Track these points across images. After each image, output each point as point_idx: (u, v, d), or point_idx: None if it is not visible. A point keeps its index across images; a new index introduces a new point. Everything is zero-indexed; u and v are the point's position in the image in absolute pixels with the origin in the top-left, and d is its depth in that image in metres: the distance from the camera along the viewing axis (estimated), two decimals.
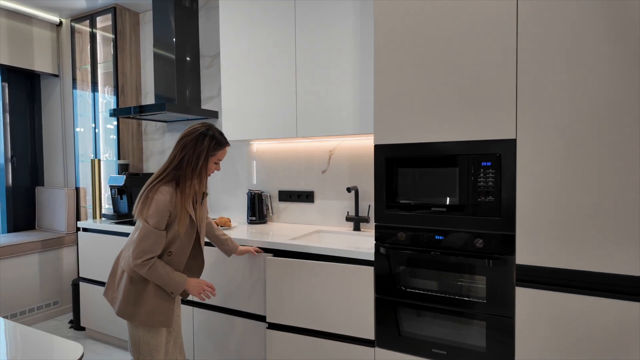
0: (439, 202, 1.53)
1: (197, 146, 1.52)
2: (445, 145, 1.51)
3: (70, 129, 3.27)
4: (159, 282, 1.50)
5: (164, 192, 1.47)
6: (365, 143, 2.22)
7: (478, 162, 1.45)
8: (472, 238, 1.47)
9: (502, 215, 1.41)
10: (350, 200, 2.27)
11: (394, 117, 1.60)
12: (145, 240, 1.45)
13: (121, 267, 1.57)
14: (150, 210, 1.45)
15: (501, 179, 1.41)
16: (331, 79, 1.99)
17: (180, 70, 2.66)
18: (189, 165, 1.51)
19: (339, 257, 1.75)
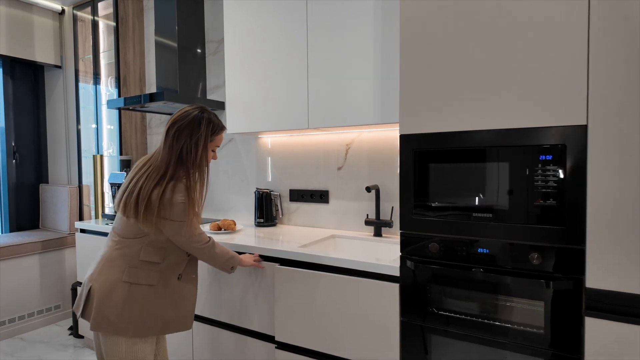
0: (482, 206, 1.22)
1: (193, 132, 1.33)
2: (490, 135, 1.20)
3: (73, 123, 3.10)
4: (221, 259, 1.47)
5: (176, 189, 1.30)
6: (387, 135, 1.92)
7: (535, 155, 1.14)
8: (525, 252, 1.16)
9: (566, 223, 1.10)
10: (370, 201, 1.98)
11: (425, 100, 1.30)
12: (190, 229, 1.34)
13: (107, 281, 1.30)
14: (174, 211, 1.29)
15: (566, 176, 1.09)
16: (348, 61, 1.70)
17: (184, 58, 2.43)
18: (188, 155, 1.32)
19: (357, 270, 1.46)
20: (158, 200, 1.27)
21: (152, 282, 1.33)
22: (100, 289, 1.29)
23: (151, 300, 1.33)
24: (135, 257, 1.32)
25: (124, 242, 1.33)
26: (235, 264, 1.52)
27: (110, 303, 1.28)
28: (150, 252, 1.33)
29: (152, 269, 1.33)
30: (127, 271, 1.30)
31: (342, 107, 1.73)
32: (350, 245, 1.92)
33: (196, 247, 1.38)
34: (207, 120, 1.36)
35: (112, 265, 1.31)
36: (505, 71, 1.17)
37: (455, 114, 1.25)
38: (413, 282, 1.34)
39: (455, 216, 1.26)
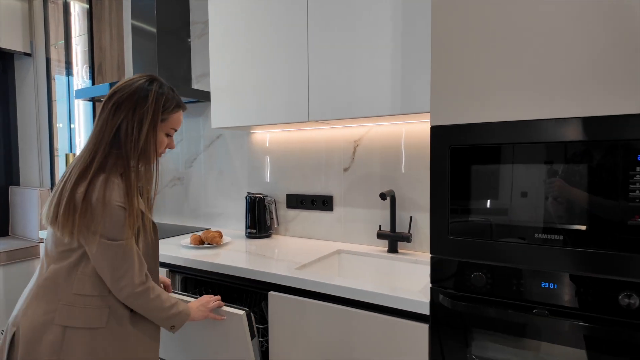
0: (548, 225, 0.88)
1: (137, 106, 0.98)
2: (561, 126, 0.86)
3: (44, 118, 2.76)
4: (158, 313, 1.03)
5: (108, 184, 0.94)
6: (406, 128, 1.58)
7: (630, 153, 0.80)
8: (613, 290, 0.82)
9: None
10: (382, 209, 1.64)
11: (466, 80, 0.96)
12: (123, 259, 0.95)
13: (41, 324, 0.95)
14: (103, 218, 0.92)
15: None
16: (357, 38, 1.36)
17: (165, 42, 2.09)
18: (128, 137, 0.97)
19: (371, 304, 1.13)
20: (82, 199, 0.91)
21: (94, 323, 0.96)
22: (25, 334, 0.94)
23: (95, 350, 0.96)
24: (67, 290, 0.96)
25: (54, 270, 0.97)
26: (177, 323, 1.07)
27: (37, 354, 0.93)
28: (87, 282, 0.96)
29: (93, 305, 0.97)
30: (59, 310, 0.95)
31: (350, 95, 1.39)
32: (360, 265, 1.58)
33: (121, 288, 0.96)
34: (156, 92, 1.01)
35: (38, 302, 0.96)
36: (585, 38, 0.83)
37: (508, 99, 0.91)
38: (448, 323, 1.00)
39: (509, 237, 0.92)
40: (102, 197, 0.92)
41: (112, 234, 0.94)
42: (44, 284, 0.97)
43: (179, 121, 1.09)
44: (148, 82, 1.01)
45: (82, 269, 0.96)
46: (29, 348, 0.94)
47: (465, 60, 0.96)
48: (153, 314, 1.03)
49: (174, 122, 1.07)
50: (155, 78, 1.04)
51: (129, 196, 0.96)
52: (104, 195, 0.92)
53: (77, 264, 0.96)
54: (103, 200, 0.92)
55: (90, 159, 0.95)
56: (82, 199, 0.91)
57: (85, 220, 0.92)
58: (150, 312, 1.02)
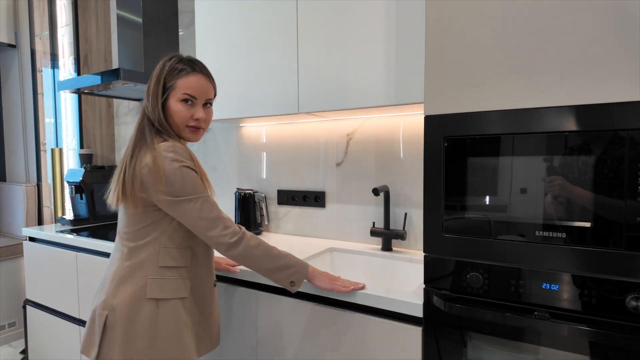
0: (549, 222, 0.82)
1: (151, 84, 1.03)
2: (564, 115, 0.79)
3: (30, 112, 2.68)
4: (267, 262, 1.02)
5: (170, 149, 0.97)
6: (401, 121, 1.51)
7: (638, 144, 0.74)
8: (620, 292, 0.76)
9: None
10: (376, 205, 1.58)
11: (462, 66, 0.89)
12: (208, 210, 0.98)
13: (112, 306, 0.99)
14: (174, 179, 0.95)
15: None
16: (349, 25, 1.29)
17: (151, 32, 2.01)
18: (148, 111, 1.03)
19: (363, 305, 1.07)
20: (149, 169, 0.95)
21: (182, 293, 1.02)
22: (122, 315, 0.98)
23: (182, 318, 1.02)
24: (154, 264, 1.00)
25: (135, 248, 1.01)
26: (296, 277, 1.04)
27: (137, 330, 0.97)
28: (173, 254, 1.01)
29: (179, 276, 1.02)
30: (149, 284, 0.99)
31: (342, 85, 1.32)
32: (353, 264, 1.52)
33: (222, 236, 0.98)
34: (161, 65, 1.03)
35: (128, 282, 1.00)
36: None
37: (507, 85, 0.84)
38: (443, 326, 0.94)
39: (508, 235, 0.86)
40: (169, 159, 0.95)
41: (188, 190, 0.96)
42: (129, 264, 1.00)
43: (190, 86, 1.02)
44: (161, 61, 1.04)
45: (164, 242, 1.01)
46: (128, 325, 0.97)
47: (461, 47, 0.89)
48: (262, 264, 1.02)
49: (183, 87, 1.02)
50: (168, 55, 1.06)
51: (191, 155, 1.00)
52: (170, 158, 0.95)
53: (158, 238, 1.00)
54: (169, 161, 0.95)
55: (134, 140, 1.01)
56: (150, 168, 0.94)
57: (156, 183, 0.94)
58: (259, 262, 1.01)
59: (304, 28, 1.39)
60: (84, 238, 1.78)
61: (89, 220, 2.14)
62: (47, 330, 1.98)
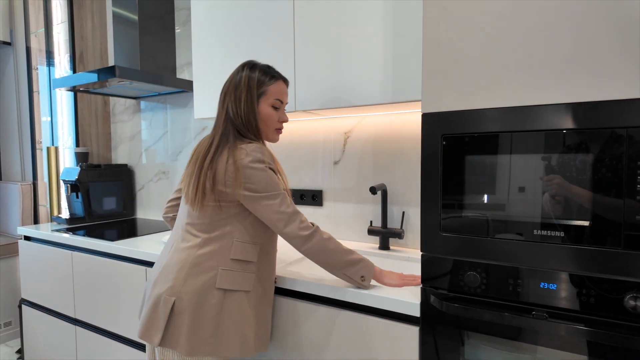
0: (547, 220, 0.81)
1: (237, 87, 1.09)
2: (563, 112, 0.79)
3: (25, 110, 2.66)
4: (338, 256, 1.04)
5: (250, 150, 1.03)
6: (398, 119, 1.51)
7: (637, 142, 0.73)
8: (619, 291, 0.76)
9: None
10: (374, 203, 1.57)
11: (460, 66, 0.88)
12: (285, 206, 1.03)
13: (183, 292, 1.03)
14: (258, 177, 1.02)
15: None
16: (346, 22, 1.28)
17: (147, 31, 2.00)
18: (236, 116, 1.08)
19: (359, 304, 1.06)
20: (233, 166, 1.01)
21: (247, 286, 1.06)
22: (191, 302, 1.01)
23: (245, 310, 1.06)
24: (225, 256, 1.05)
25: (208, 240, 1.06)
26: (366, 272, 1.05)
27: (204, 318, 1.01)
28: (244, 249, 1.06)
29: (247, 270, 1.06)
30: (219, 274, 1.03)
31: (339, 83, 1.31)
32: None
33: (299, 229, 1.02)
34: (250, 67, 1.11)
35: (199, 272, 1.03)
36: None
37: (506, 82, 0.84)
38: (440, 326, 0.94)
39: (506, 234, 0.85)
40: (252, 159, 1.01)
41: (268, 187, 1.01)
42: (202, 252, 1.04)
43: (281, 92, 1.13)
44: (241, 68, 1.11)
45: (238, 236, 1.05)
46: (196, 312, 1.01)
47: (459, 44, 0.88)
48: (334, 257, 1.04)
49: (275, 93, 1.11)
50: (248, 62, 1.13)
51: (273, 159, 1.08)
52: (252, 158, 1.01)
53: (232, 232, 1.05)
54: (252, 161, 1.01)
55: (215, 142, 1.06)
56: (235, 168, 1.00)
57: (239, 180, 1.00)
58: (331, 255, 1.03)
59: (300, 25, 1.38)
60: (79, 237, 1.76)
61: (84, 219, 2.13)
62: (43, 330, 1.97)
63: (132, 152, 2.38)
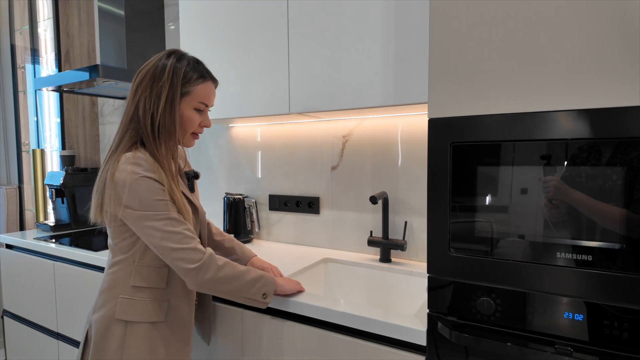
0: (573, 242, 0.71)
1: (154, 81, 0.92)
2: (589, 119, 0.68)
3: (10, 111, 2.55)
4: (236, 281, 0.91)
5: (131, 160, 0.87)
6: (400, 122, 1.40)
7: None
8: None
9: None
10: (375, 212, 1.47)
11: (471, 65, 0.78)
12: (171, 232, 0.86)
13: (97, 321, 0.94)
14: (134, 195, 0.86)
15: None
16: (344, 17, 1.18)
17: (134, 28, 1.89)
18: (146, 113, 0.91)
19: (359, 330, 0.96)
20: (110, 179, 0.87)
21: (153, 317, 0.93)
22: (96, 331, 0.93)
23: (155, 345, 0.93)
24: (126, 283, 0.93)
25: (113, 263, 0.96)
26: (267, 289, 0.96)
27: (106, 349, 0.92)
28: (145, 273, 0.93)
29: (151, 298, 0.93)
30: (119, 303, 0.92)
31: (335, 84, 1.21)
32: (349, 276, 1.41)
33: (181, 261, 0.86)
34: (173, 65, 0.93)
35: (105, 297, 0.94)
36: None
37: (523, 83, 0.73)
38: (448, 357, 0.83)
39: (525, 256, 0.75)
40: (132, 171, 0.86)
41: (148, 208, 0.86)
42: (106, 278, 0.95)
43: (209, 94, 0.99)
44: (166, 56, 0.94)
45: (138, 259, 0.93)
46: (98, 344, 0.92)
47: (470, 40, 0.78)
48: (232, 284, 0.91)
49: (200, 96, 0.96)
50: (175, 51, 0.96)
51: (157, 168, 0.89)
52: (133, 170, 0.86)
53: (134, 255, 0.93)
54: (130, 174, 0.86)
55: (113, 145, 0.93)
56: (111, 178, 0.87)
57: (117, 197, 0.87)
58: (228, 283, 0.90)
59: (295, 20, 1.27)
60: (61, 247, 1.66)
61: (70, 225, 2.02)
62: (25, 343, 1.87)
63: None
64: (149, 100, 0.91)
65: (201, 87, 0.96)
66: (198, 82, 0.95)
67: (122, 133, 0.93)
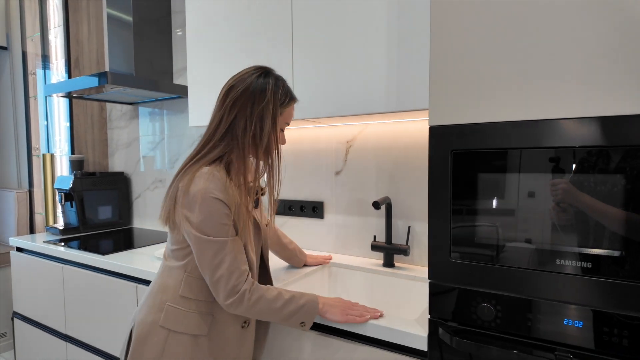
0: (574, 250, 0.72)
1: (256, 99, 0.92)
2: (592, 126, 0.69)
3: (21, 116, 2.61)
4: (274, 314, 0.90)
5: (209, 176, 0.88)
6: (403, 127, 1.41)
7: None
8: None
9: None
10: (378, 217, 1.48)
11: (472, 72, 0.79)
12: (218, 260, 0.87)
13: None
14: (200, 211, 0.87)
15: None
16: (347, 26, 1.20)
17: (142, 33, 1.93)
18: (246, 132, 0.91)
19: (359, 334, 0.97)
20: (184, 190, 0.89)
21: (196, 330, 0.93)
22: (137, 331, 0.95)
23: (196, 357, 0.93)
24: (175, 291, 0.94)
25: (166, 268, 0.98)
26: (306, 319, 0.92)
27: (145, 353, 0.92)
28: (194, 285, 0.94)
29: (197, 310, 0.94)
30: (165, 311, 0.93)
31: (339, 91, 1.23)
32: (352, 281, 1.42)
33: (217, 292, 0.89)
34: (273, 86, 0.94)
35: (152, 301, 0.96)
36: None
37: (524, 92, 0.74)
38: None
39: (524, 262, 0.76)
40: (203, 188, 0.87)
41: (207, 228, 0.87)
42: (158, 281, 0.97)
43: (292, 115, 1.04)
44: (262, 75, 0.95)
45: (190, 270, 0.94)
46: (137, 346, 0.93)
47: (470, 49, 0.79)
48: (267, 317, 0.91)
49: (288, 116, 1.01)
50: (269, 70, 0.98)
51: (238, 191, 0.91)
52: (205, 187, 0.87)
53: (186, 265, 0.94)
54: (203, 191, 0.87)
55: (202, 153, 0.93)
56: (184, 190, 0.88)
57: (184, 210, 0.88)
58: (263, 316, 0.91)
59: (299, 28, 1.29)
60: (70, 250, 1.69)
61: (79, 229, 2.06)
62: (35, 345, 1.90)
63: (128, 160, 2.31)
64: (250, 120, 0.91)
65: (290, 109, 1.00)
66: (289, 104, 0.99)
67: (213, 145, 0.93)
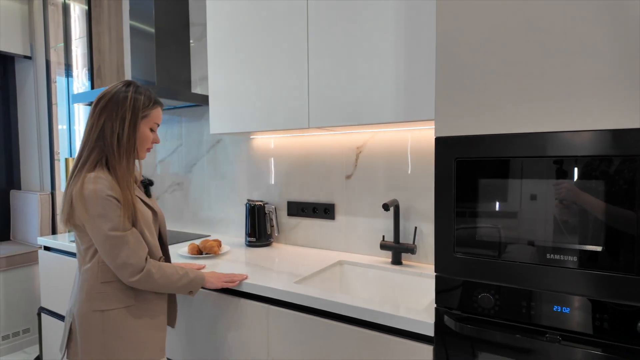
0: (561, 245, 0.83)
1: (118, 108, 1.10)
2: (576, 139, 0.80)
3: (44, 122, 2.74)
4: (170, 285, 1.14)
5: (95, 179, 1.05)
6: (410, 135, 1.53)
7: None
8: (631, 317, 0.77)
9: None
10: (386, 218, 1.59)
11: (474, 89, 0.90)
12: (118, 250, 1.06)
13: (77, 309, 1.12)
14: (95, 209, 1.04)
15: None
16: (359, 41, 1.31)
17: (163, 45, 2.05)
18: (113, 135, 1.09)
19: (372, 322, 1.08)
20: (78, 195, 1.04)
21: (126, 302, 1.11)
22: (79, 324, 1.10)
23: (132, 325, 1.12)
24: (96, 281, 1.11)
25: (83, 264, 1.13)
26: (194, 288, 1.20)
27: (90, 338, 1.09)
28: (109, 270, 1.10)
29: (119, 289, 1.11)
30: (92, 298, 1.10)
31: (351, 101, 1.34)
32: (362, 278, 1.53)
33: (124, 276, 1.08)
34: (133, 93, 1.13)
35: (82, 294, 1.11)
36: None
37: (523, 107, 0.85)
38: (454, 346, 0.95)
39: (519, 257, 0.87)
40: (93, 190, 1.03)
41: (105, 224, 1.03)
42: (81, 278, 1.12)
43: (159, 116, 1.20)
44: (125, 86, 1.13)
45: (102, 260, 1.09)
46: (82, 335, 1.09)
47: (473, 66, 0.90)
48: (165, 289, 1.14)
49: (155, 118, 1.18)
50: (133, 82, 1.17)
51: (120, 187, 1.07)
52: (95, 189, 1.03)
53: (99, 257, 1.09)
54: (94, 192, 1.03)
55: (81, 161, 1.09)
56: (78, 194, 1.04)
57: (82, 211, 1.04)
58: (162, 289, 1.13)
59: (314, 44, 1.41)
60: None
61: None
62: (60, 338, 2.01)
63: (147, 164, 2.43)
64: (113, 122, 1.08)
65: (155, 111, 1.17)
66: (153, 107, 1.16)
67: (90, 148, 1.09)
